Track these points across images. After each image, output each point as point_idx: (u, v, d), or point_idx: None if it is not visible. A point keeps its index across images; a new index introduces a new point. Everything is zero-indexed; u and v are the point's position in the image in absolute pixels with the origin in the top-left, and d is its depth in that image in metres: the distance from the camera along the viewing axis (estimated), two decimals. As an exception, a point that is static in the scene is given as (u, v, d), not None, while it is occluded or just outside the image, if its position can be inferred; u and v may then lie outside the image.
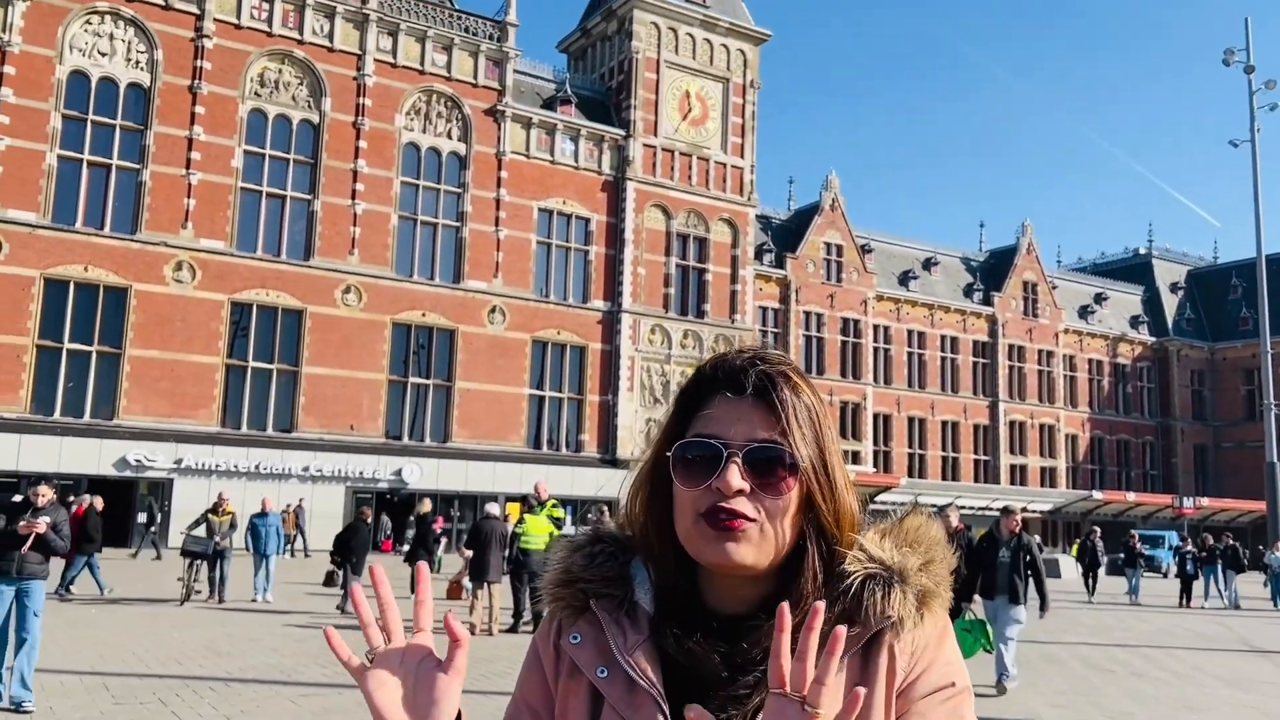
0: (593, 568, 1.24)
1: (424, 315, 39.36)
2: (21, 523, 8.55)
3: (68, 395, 33.50)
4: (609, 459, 42.42)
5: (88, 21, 34.88)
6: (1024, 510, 54.01)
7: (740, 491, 1.12)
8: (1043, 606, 11.22)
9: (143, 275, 34.67)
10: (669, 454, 1.17)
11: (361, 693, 1.05)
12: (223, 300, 35.87)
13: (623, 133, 44.49)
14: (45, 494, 8.95)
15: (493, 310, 40.80)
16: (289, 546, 31.08)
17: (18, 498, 9.08)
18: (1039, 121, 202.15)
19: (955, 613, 10.69)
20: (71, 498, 21.00)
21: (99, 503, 20.21)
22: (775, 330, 51.74)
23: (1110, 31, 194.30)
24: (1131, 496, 57.44)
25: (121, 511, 31.77)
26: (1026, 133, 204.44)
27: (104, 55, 35.10)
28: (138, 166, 35.18)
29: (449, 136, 40.92)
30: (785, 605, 0.99)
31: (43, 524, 8.53)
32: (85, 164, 34.49)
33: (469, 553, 15.87)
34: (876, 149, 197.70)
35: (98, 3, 34.87)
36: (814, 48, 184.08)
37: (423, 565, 1.17)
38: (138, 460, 33.36)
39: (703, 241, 46.40)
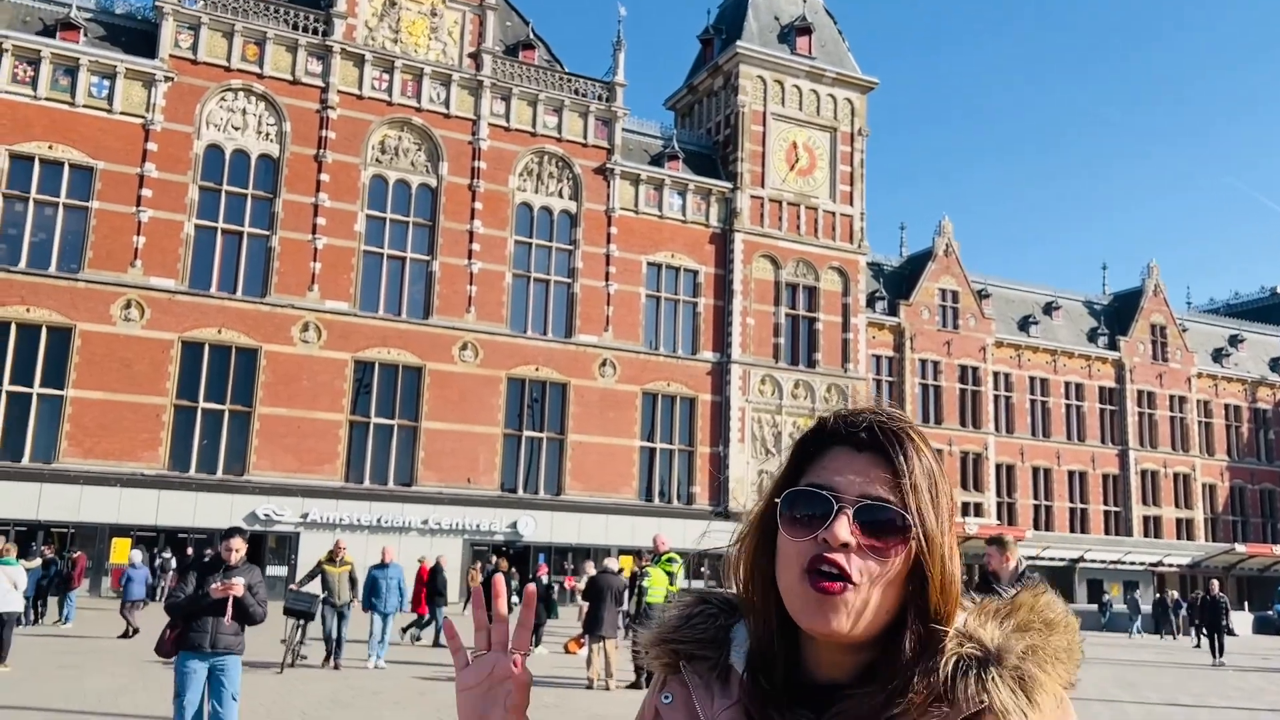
0: (685, 628, 1.23)
1: (537, 370, 40.05)
2: (215, 585, 7.10)
3: (202, 452, 35.10)
4: (720, 511, 42.11)
5: (222, 98, 37.05)
6: (1160, 565, 51.48)
7: (846, 545, 1.09)
8: None
9: (271, 336, 36.25)
10: (777, 501, 1.15)
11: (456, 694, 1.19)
12: (346, 359, 37.19)
13: (730, 185, 44.78)
14: (238, 549, 7.48)
15: (603, 363, 41.26)
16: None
17: (208, 554, 7.72)
18: (1161, 158, 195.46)
19: None
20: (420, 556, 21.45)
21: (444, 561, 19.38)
22: (890, 379, 50.89)
23: (1226, 53, 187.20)
24: None
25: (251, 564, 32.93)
26: (1148, 170, 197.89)
27: (237, 129, 37.17)
28: (267, 233, 36.98)
29: (560, 195, 41.87)
30: None
31: (240, 585, 7.14)
32: (219, 232, 36.43)
33: (585, 604, 15.94)
34: (991, 192, 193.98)
35: (232, 80, 37.04)
36: (924, 91, 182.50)
37: (531, 587, 1.24)
38: (266, 515, 34.61)
39: (812, 290, 46.12)
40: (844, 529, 1.09)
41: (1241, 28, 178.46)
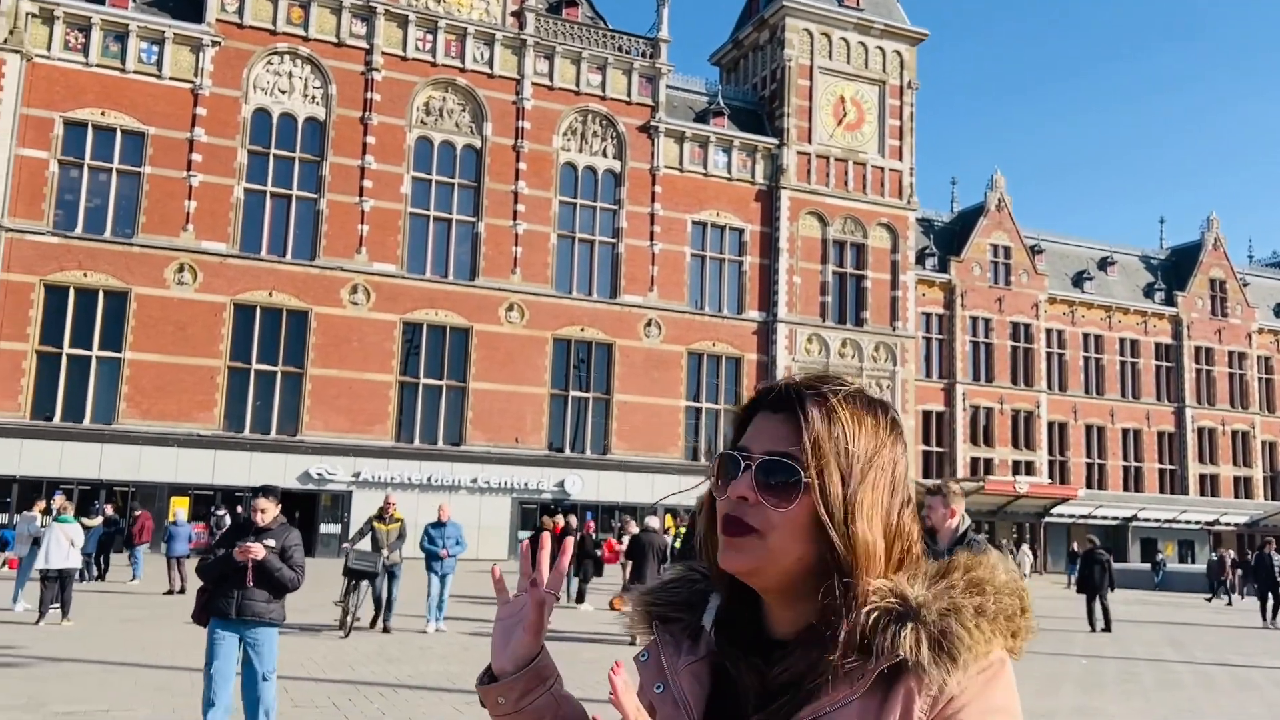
0: (663, 591, 1.33)
1: (583, 330, 40.17)
2: (237, 547, 6.57)
3: (256, 413, 35.79)
4: (768, 470, 42.14)
5: (269, 62, 37.28)
6: (1216, 524, 50.61)
7: (744, 499, 1.16)
8: None
9: (321, 299, 36.71)
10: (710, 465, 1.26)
11: None
12: (395, 320, 37.58)
13: (776, 141, 44.26)
14: (266, 509, 6.81)
15: (649, 324, 41.25)
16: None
17: (243, 515, 7.21)
18: (1222, 108, 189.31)
19: None
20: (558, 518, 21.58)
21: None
22: (940, 337, 50.33)
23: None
24: (1342, 508, 52.88)
25: (305, 523, 33.76)
26: (1208, 121, 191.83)
27: (283, 93, 37.42)
28: (315, 196, 37.32)
29: (604, 154, 41.69)
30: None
31: (258, 549, 6.54)
32: (268, 195, 36.84)
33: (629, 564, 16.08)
34: (1045, 145, 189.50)
35: (278, 43, 37.24)
36: (976, 43, 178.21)
37: (546, 535, 1.35)
38: (320, 474, 35.28)
39: (860, 248, 45.60)
40: (742, 484, 1.16)
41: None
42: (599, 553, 22.96)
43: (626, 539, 18.68)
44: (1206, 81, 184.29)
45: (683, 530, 15.64)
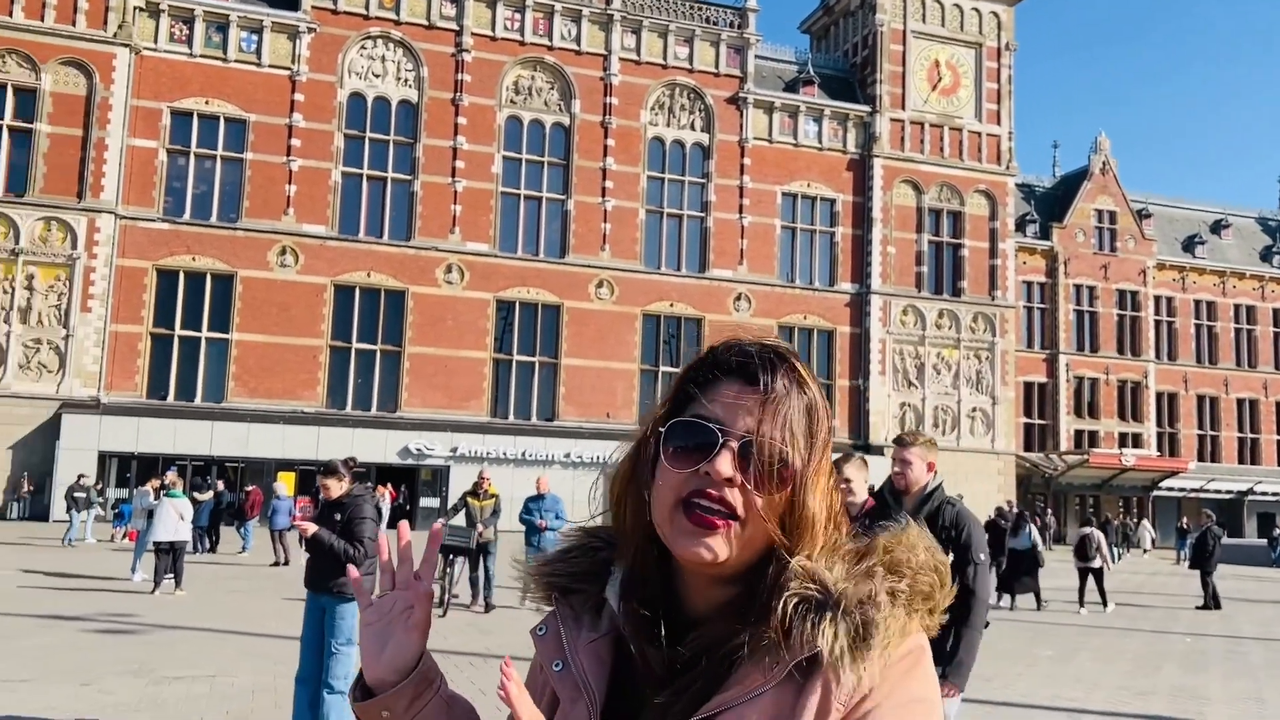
0: (562, 561, 1.22)
1: (672, 305, 40.18)
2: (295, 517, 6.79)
3: (357, 390, 36.85)
4: (861, 445, 41.61)
5: (362, 46, 38.05)
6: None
7: (730, 480, 1.06)
8: (966, 624, 4.80)
9: (417, 278, 37.49)
10: (661, 430, 1.12)
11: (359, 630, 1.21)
12: (488, 299, 38.18)
13: (868, 109, 43.40)
14: (329, 486, 6.91)
15: (738, 297, 41.04)
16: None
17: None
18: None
19: None
20: None
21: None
22: (1041, 306, 48.93)
23: None
24: None
25: (407, 497, 34.71)
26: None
27: (377, 76, 38.17)
28: (409, 178, 38.05)
29: (692, 128, 41.47)
30: None
31: (310, 526, 6.70)
32: (364, 178, 37.71)
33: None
34: (1152, 104, 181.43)
35: (371, 28, 37.97)
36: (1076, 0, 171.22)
37: (403, 524, 1.24)
38: (418, 449, 36.15)
39: (957, 216, 44.52)
40: (727, 463, 1.06)
41: None
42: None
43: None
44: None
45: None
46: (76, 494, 24.94)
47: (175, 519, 15.67)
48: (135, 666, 9.53)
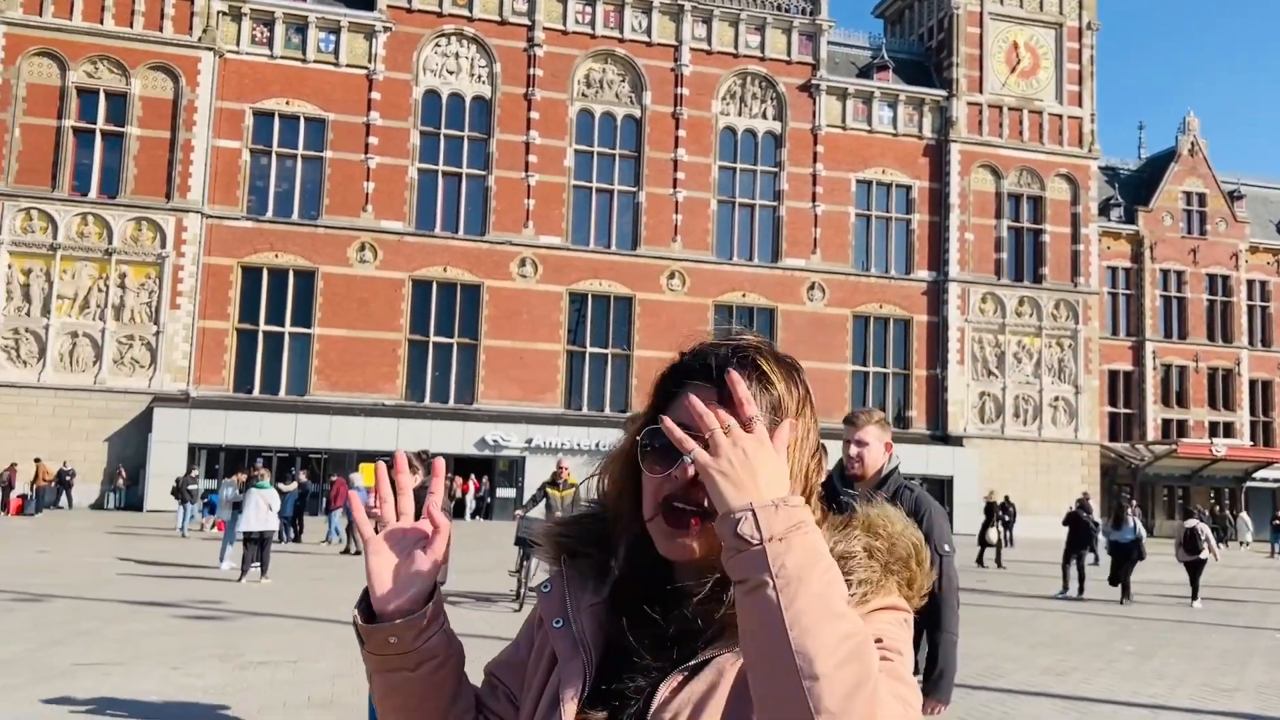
0: (575, 526, 1.29)
1: (744, 296, 40.04)
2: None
3: (435, 383, 37.50)
4: (939, 435, 41.03)
5: (437, 44, 38.61)
6: None
7: (696, 483, 1.11)
8: (939, 628, 4.21)
9: (492, 272, 37.99)
10: (638, 438, 1.18)
11: (364, 555, 1.20)
12: (561, 291, 38.51)
13: (944, 93, 42.63)
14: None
15: (811, 287, 40.71)
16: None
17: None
18: None
19: None
20: None
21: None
22: (1127, 292, 47.62)
23: None
24: None
25: (488, 488, 35.24)
26: None
27: (451, 73, 38.71)
28: (484, 173, 38.53)
29: (764, 116, 41.22)
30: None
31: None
32: (440, 174, 38.29)
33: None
34: (1244, 81, 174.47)
35: (445, 25, 38.50)
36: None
37: (399, 453, 1.30)
38: (495, 440, 36.65)
39: (1037, 200, 43.52)
40: (692, 466, 1.11)
41: None
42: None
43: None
44: None
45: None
46: (190, 487, 25.81)
47: (264, 509, 16.17)
48: (222, 651, 9.89)
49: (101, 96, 35.16)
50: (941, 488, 40.16)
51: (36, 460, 31.70)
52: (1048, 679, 10.07)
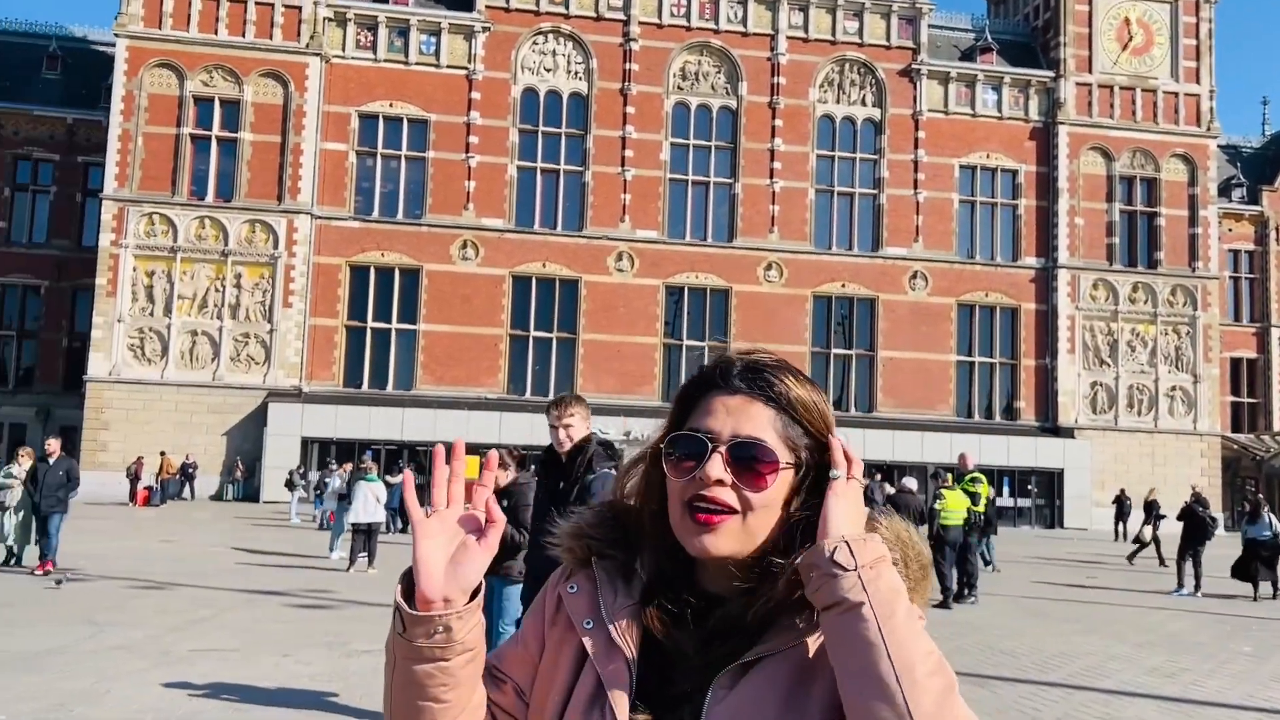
0: (601, 526, 1.33)
1: (843, 286, 39.54)
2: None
3: (535, 376, 38.09)
4: (1049, 426, 39.86)
5: (534, 42, 39.11)
6: None
7: (720, 482, 1.20)
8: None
9: (590, 267, 38.35)
10: (662, 446, 1.27)
11: (412, 537, 1.19)
12: (657, 285, 38.65)
13: (1051, 74, 41.30)
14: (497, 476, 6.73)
15: (914, 275, 39.96)
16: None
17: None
18: None
19: None
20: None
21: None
22: (1250, 276, 45.50)
23: None
24: None
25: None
26: None
27: (548, 71, 39.17)
28: (581, 169, 38.90)
29: (863, 103, 40.59)
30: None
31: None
32: (538, 171, 38.82)
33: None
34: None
35: (541, 23, 38.97)
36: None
37: (458, 440, 1.32)
38: (595, 433, 36.99)
39: (1152, 183, 41.84)
40: (716, 467, 1.20)
41: None
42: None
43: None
44: None
45: (946, 493, 15.09)
46: (301, 479, 26.84)
47: (371, 502, 16.71)
48: (329, 639, 10.28)
49: (216, 104, 36.65)
50: (1051, 480, 39.08)
51: (161, 453, 33.34)
52: (1155, 679, 9.75)
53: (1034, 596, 16.54)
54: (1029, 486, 39.04)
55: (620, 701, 1.19)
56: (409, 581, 1.18)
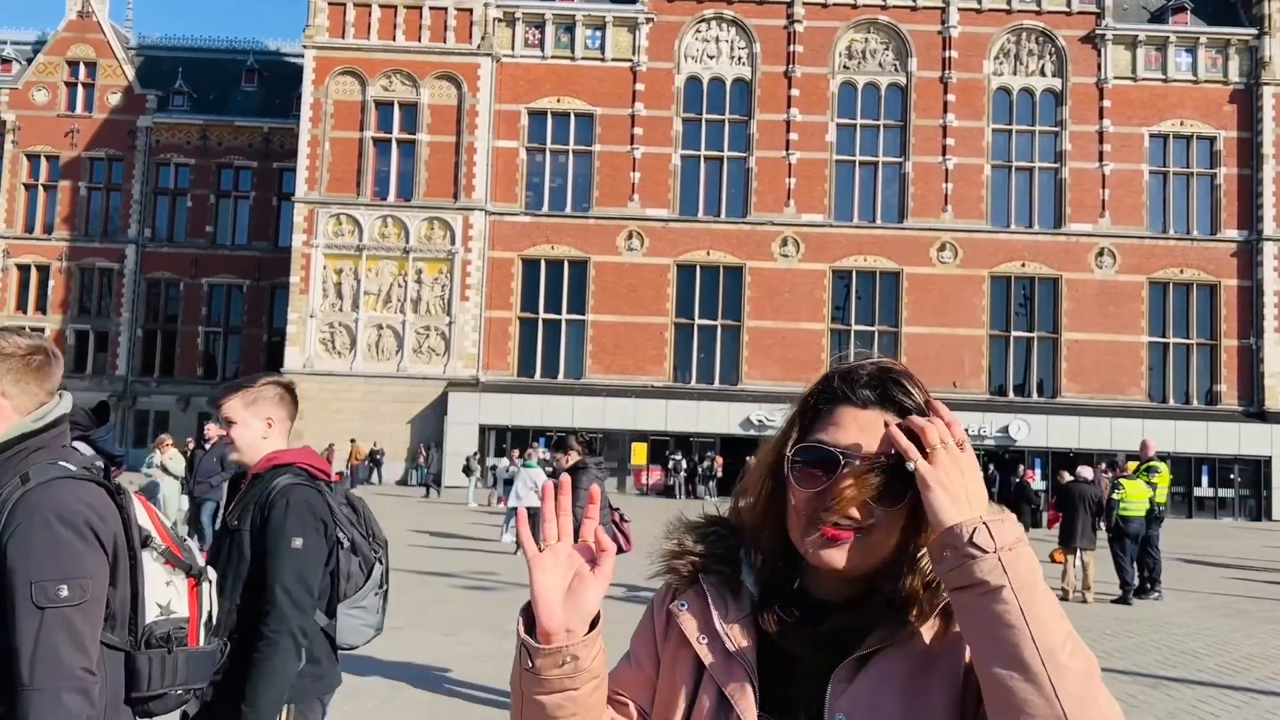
0: (705, 544, 1.35)
1: (1023, 265, 37.78)
2: None
3: (700, 364, 38.21)
4: (1254, 411, 36.96)
5: (697, 30, 39.10)
6: None
7: (850, 498, 1.20)
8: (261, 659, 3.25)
9: (753, 253, 38.11)
10: (787, 453, 1.27)
11: (528, 572, 1.21)
12: (823, 269, 38.01)
13: (1254, 31, 38.11)
14: (560, 459, 7.29)
15: (1100, 253, 37.75)
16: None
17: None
18: None
19: None
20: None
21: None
22: None
23: None
24: None
25: (728, 470, 35.60)
26: None
27: (711, 58, 39.09)
28: (744, 155, 38.66)
29: (1041, 74, 38.60)
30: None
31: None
32: (702, 159, 38.83)
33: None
34: None
35: (704, 11, 38.91)
36: None
37: (565, 478, 1.28)
38: (759, 420, 36.81)
39: (1374, 144, 38.01)
40: (847, 482, 1.21)
41: None
42: (1036, 509, 21.62)
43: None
44: None
45: (1125, 483, 14.28)
46: (476, 465, 27.93)
47: (531, 487, 17.23)
48: (490, 620, 10.66)
49: (395, 107, 38.40)
50: (1257, 469, 36.27)
51: (352, 441, 35.35)
52: (1217, 672, 8.94)
53: (1228, 594, 15.43)
54: (1231, 476, 36.34)
55: (748, 712, 1.23)
56: (530, 616, 1.21)
